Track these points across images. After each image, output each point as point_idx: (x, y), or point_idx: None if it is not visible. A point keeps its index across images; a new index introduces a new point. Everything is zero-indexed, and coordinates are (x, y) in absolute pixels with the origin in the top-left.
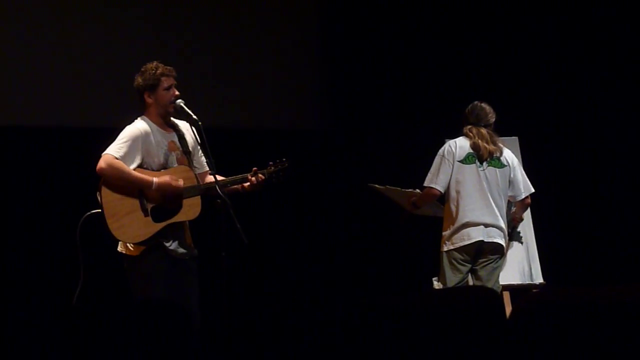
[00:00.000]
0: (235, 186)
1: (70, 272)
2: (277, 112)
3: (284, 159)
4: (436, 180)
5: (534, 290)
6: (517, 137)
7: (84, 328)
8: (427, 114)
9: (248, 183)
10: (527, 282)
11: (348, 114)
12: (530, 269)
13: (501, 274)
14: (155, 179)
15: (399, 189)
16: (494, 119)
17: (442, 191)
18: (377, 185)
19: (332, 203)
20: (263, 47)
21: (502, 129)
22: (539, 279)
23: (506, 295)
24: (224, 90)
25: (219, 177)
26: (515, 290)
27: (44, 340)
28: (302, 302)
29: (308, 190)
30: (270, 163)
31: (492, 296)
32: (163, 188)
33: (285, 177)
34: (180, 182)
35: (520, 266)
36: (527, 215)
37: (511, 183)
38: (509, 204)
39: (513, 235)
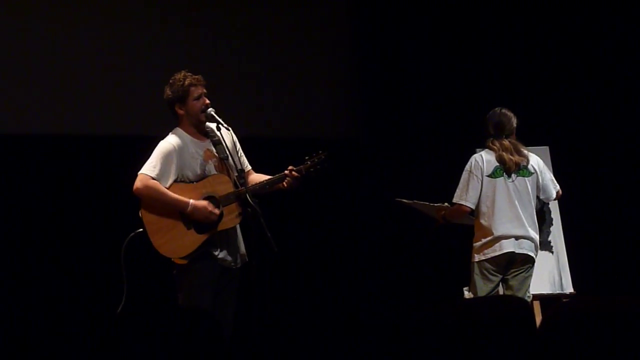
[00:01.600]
0: (276, 186)
1: (114, 290)
2: (308, 121)
3: (321, 152)
4: (466, 197)
5: (564, 300)
6: (547, 147)
7: (124, 338)
8: (459, 125)
9: (286, 182)
10: (558, 292)
11: (379, 124)
12: (561, 278)
13: (532, 284)
14: (191, 202)
15: (427, 203)
16: (515, 124)
17: (473, 207)
18: (404, 200)
19: (362, 212)
20: (295, 56)
21: (532, 138)
22: (569, 288)
23: (536, 305)
24: (255, 99)
25: (259, 178)
26: (546, 300)
27: (90, 351)
28: (333, 311)
29: (338, 199)
30: (307, 158)
31: (522, 306)
32: (198, 212)
33: (324, 169)
34: (216, 211)
35: (551, 275)
36: (558, 224)
37: (541, 188)
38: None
39: (543, 244)
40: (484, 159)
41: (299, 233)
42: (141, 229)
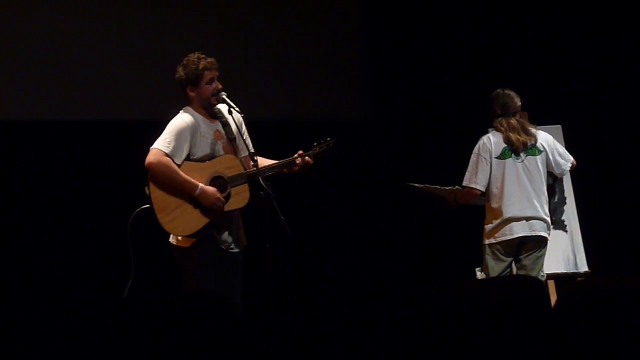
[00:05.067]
0: (284, 170)
1: (121, 267)
2: (320, 104)
3: (329, 139)
4: (475, 180)
5: (579, 279)
6: (560, 126)
7: (133, 321)
8: (470, 107)
9: (295, 166)
10: (572, 271)
11: (390, 106)
12: (575, 257)
13: (546, 263)
14: (200, 185)
15: (438, 187)
16: (519, 103)
17: (483, 189)
18: (416, 184)
19: (374, 194)
20: (307, 39)
21: (545, 117)
22: (583, 267)
23: (551, 284)
24: (265, 82)
25: (266, 162)
26: (560, 279)
27: (95, 334)
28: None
29: (350, 182)
30: (315, 144)
31: (537, 285)
32: (206, 197)
33: (332, 157)
34: (222, 200)
35: (565, 255)
36: (572, 203)
37: (552, 164)
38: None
39: (557, 223)
40: (492, 140)
41: (310, 216)
42: (147, 205)
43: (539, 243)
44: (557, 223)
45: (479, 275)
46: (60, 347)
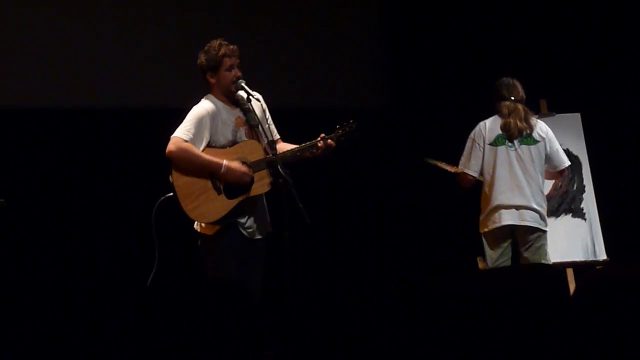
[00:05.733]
0: (306, 154)
1: (146, 256)
2: (336, 91)
3: (352, 121)
4: (468, 165)
5: (598, 267)
6: (579, 114)
7: (156, 309)
8: (487, 92)
9: (318, 150)
10: (591, 259)
11: (408, 92)
12: (594, 245)
13: (564, 251)
14: (225, 162)
15: (448, 166)
16: (524, 95)
17: (476, 175)
18: (430, 160)
19: (389, 182)
20: (322, 25)
21: (564, 105)
22: (602, 255)
23: (569, 273)
24: (282, 69)
25: (288, 147)
26: (579, 267)
27: (118, 321)
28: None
29: (368, 169)
30: (338, 127)
31: (555, 274)
32: (232, 172)
33: (354, 140)
34: (248, 171)
35: (584, 243)
36: (590, 191)
37: (548, 157)
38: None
39: (576, 211)
40: (488, 127)
41: (328, 204)
42: (171, 194)
43: (533, 234)
44: (576, 211)
45: (481, 263)
46: (85, 334)
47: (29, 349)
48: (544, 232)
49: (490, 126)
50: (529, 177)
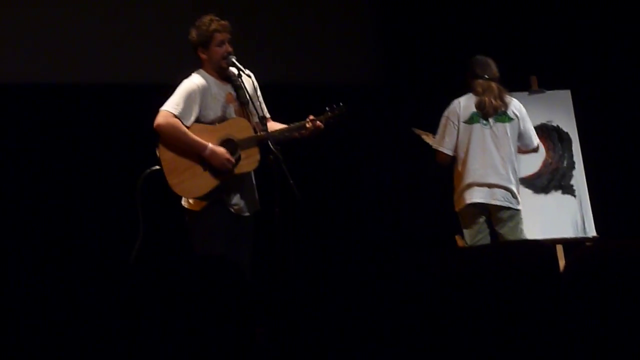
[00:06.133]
0: (294, 134)
1: (131, 229)
2: (328, 67)
3: (341, 104)
4: (442, 143)
5: (587, 244)
6: (569, 90)
7: (141, 284)
8: None
9: (306, 130)
10: (581, 236)
11: (400, 69)
12: (584, 222)
13: (554, 228)
14: (210, 146)
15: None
16: (498, 73)
17: (450, 153)
18: (416, 130)
19: (381, 159)
20: (313, 2)
21: (554, 82)
22: (592, 232)
23: (559, 249)
24: (275, 46)
25: (277, 126)
26: (569, 244)
27: (102, 296)
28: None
29: (357, 147)
30: (327, 109)
31: (544, 250)
32: (215, 157)
33: (342, 121)
34: (232, 160)
35: (574, 219)
36: (580, 167)
37: (521, 134)
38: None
39: (566, 188)
40: (462, 104)
41: (319, 180)
42: (157, 167)
43: (505, 212)
44: (566, 187)
45: (460, 241)
46: (67, 309)
47: (6, 324)
48: (517, 210)
49: (465, 104)
50: (503, 155)
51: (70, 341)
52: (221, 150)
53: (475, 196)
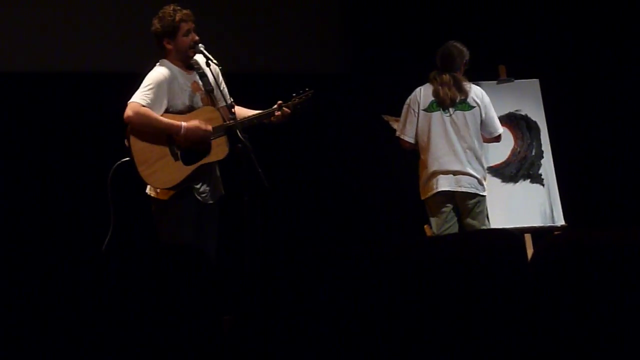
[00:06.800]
0: (263, 120)
1: (101, 220)
2: (296, 56)
3: (307, 89)
4: (404, 131)
5: (556, 233)
6: (538, 79)
7: (112, 273)
8: None
9: (274, 117)
10: (549, 225)
11: (368, 58)
12: (552, 211)
13: (522, 217)
14: (184, 124)
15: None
16: (465, 59)
17: (411, 141)
18: (385, 116)
19: (349, 148)
20: None
21: (523, 71)
22: (560, 221)
23: (527, 238)
24: (243, 35)
25: (244, 112)
26: (537, 233)
27: (73, 286)
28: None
29: (326, 135)
30: (294, 94)
31: (513, 239)
32: (192, 132)
33: (310, 108)
34: (209, 127)
35: (542, 208)
36: (549, 156)
37: (484, 122)
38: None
39: (534, 177)
40: (422, 93)
41: (288, 168)
42: (127, 158)
43: (472, 199)
44: (534, 176)
45: (428, 231)
46: (39, 298)
47: None
48: (483, 197)
49: (424, 92)
50: (463, 143)
51: (39, 329)
52: (194, 123)
53: (441, 184)
